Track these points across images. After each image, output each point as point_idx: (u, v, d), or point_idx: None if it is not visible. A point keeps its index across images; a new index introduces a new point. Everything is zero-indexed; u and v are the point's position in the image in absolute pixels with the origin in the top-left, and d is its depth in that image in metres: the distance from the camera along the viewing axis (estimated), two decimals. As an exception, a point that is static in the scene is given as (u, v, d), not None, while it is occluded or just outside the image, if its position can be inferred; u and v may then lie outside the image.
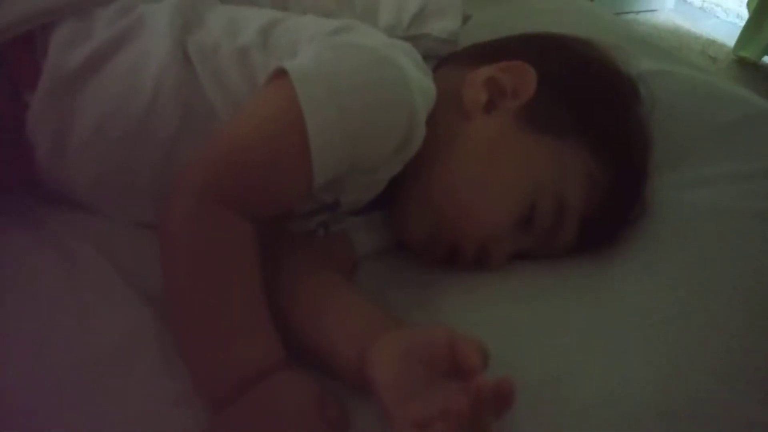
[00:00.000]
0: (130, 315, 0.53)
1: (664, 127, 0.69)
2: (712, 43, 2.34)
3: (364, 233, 0.66)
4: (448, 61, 0.69)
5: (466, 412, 0.41)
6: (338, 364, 0.51)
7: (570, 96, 0.61)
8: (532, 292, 0.59)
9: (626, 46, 0.75)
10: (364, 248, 0.66)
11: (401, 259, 0.65)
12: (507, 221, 0.60)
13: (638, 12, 2.55)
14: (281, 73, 0.53)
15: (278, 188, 0.54)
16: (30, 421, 0.47)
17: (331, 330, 0.52)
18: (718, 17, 2.54)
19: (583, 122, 0.60)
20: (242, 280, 0.50)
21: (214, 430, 0.47)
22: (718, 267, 0.58)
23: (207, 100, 0.59)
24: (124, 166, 0.59)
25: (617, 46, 0.69)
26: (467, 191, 0.59)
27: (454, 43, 0.72)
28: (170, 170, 0.55)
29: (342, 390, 0.50)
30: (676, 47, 2.21)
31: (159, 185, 0.57)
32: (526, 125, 0.60)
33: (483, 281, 0.61)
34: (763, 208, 0.63)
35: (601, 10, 1.11)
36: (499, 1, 0.99)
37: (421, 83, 0.58)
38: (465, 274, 0.62)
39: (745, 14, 2.23)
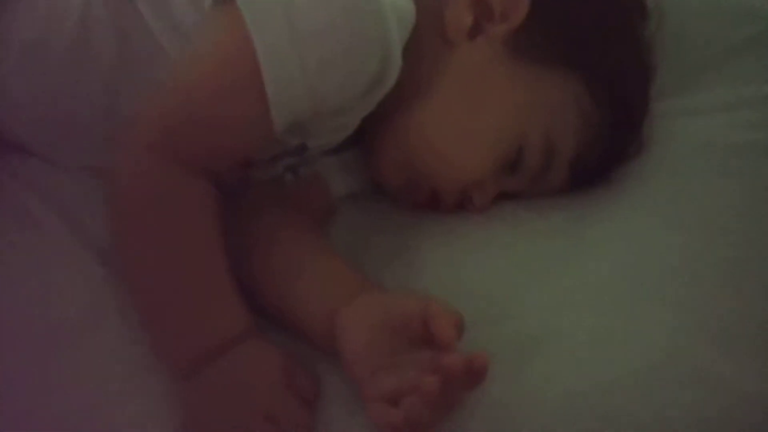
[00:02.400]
0: (89, 280, 0.51)
1: (672, 46, 0.63)
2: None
3: (340, 173, 0.61)
4: None
5: (436, 391, 0.39)
6: (308, 331, 0.48)
7: (565, 20, 0.55)
8: (517, 238, 0.56)
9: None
10: (340, 190, 0.61)
11: (379, 203, 0.61)
12: (491, 167, 0.55)
13: None
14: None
15: (234, 141, 0.49)
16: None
17: (301, 294, 0.49)
18: None
19: (579, 53, 0.54)
20: (202, 244, 0.47)
21: (180, 402, 0.45)
22: (709, 208, 0.54)
23: (147, 29, 0.53)
24: (61, 100, 0.55)
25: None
26: (448, 135, 0.54)
27: None
28: (114, 109, 0.51)
29: (312, 355, 0.48)
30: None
31: (102, 126, 0.52)
32: (515, 55, 0.54)
33: (465, 226, 0.57)
34: (754, 139, 0.58)
35: None
36: None
37: (395, 5, 0.50)
38: (446, 217, 0.58)
39: None
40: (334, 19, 0.47)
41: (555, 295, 0.50)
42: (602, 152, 0.56)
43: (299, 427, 0.43)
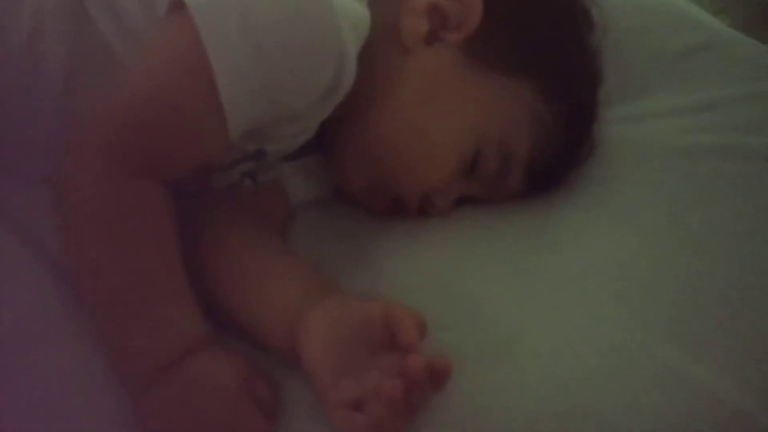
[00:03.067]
0: (40, 290, 0.48)
1: (616, 54, 0.65)
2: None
3: (298, 180, 0.61)
4: None
5: (400, 394, 0.39)
6: (268, 336, 0.47)
7: (518, 28, 0.56)
8: (479, 241, 0.57)
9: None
10: (299, 196, 0.61)
11: (340, 208, 0.61)
12: (449, 174, 0.56)
13: None
14: (181, 5, 0.46)
15: (187, 147, 0.48)
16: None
17: (262, 299, 0.48)
18: None
19: (532, 59, 0.55)
20: (156, 252, 0.45)
21: (136, 416, 0.44)
22: (663, 209, 0.56)
23: (99, 35, 0.52)
24: (14, 115, 0.53)
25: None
26: (406, 141, 0.54)
27: None
28: (65, 116, 0.49)
29: (271, 361, 0.47)
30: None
31: (53, 133, 0.51)
32: (471, 61, 0.55)
33: (425, 230, 0.57)
34: (714, 143, 0.61)
35: None
36: None
37: (351, 12, 0.51)
38: (407, 223, 0.58)
39: None
40: (287, 18, 0.47)
41: (518, 298, 0.50)
42: (556, 155, 0.57)
43: None
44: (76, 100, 0.52)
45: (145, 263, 0.45)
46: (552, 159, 0.57)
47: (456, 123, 0.55)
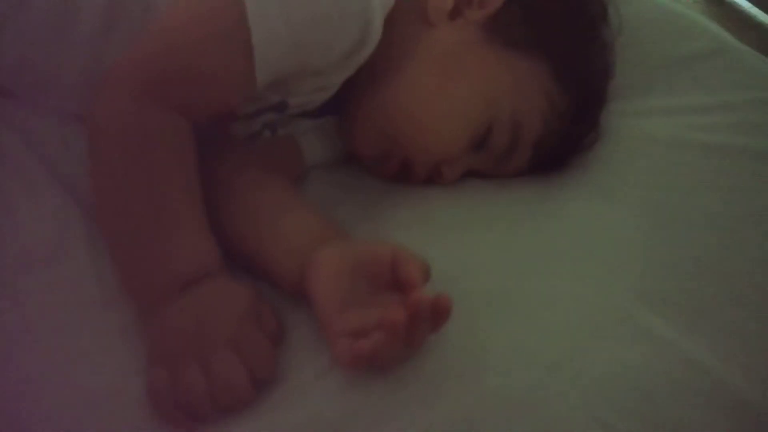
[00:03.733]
0: (58, 213, 0.51)
1: (628, 53, 0.68)
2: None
3: (314, 139, 0.63)
4: None
5: (403, 324, 0.41)
6: (278, 274, 0.49)
7: (538, 12, 0.58)
8: (480, 205, 0.59)
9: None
10: (313, 155, 0.63)
11: (351, 172, 0.63)
12: (462, 145, 0.58)
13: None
14: None
15: (216, 84, 0.50)
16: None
17: (272, 239, 0.50)
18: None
19: (549, 42, 0.58)
20: (177, 180, 0.48)
21: (146, 334, 0.45)
22: (666, 197, 0.58)
23: None
24: (50, 53, 0.55)
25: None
26: (422, 110, 0.57)
27: None
28: (100, 60, 0.52)
29: (279, 298, 0.49)
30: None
31: (87, 75, 0.53)
32: (491, 39, 0.58)
33: (432, 198, 0.60)
34: (714, 141, 0.64)
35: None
36: None
37: None
38: (414, 189, 0.60)
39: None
40: None
41: (515, 256, 0.53)
42: (564, 138, 0.60)
43: (262, 359, 0.43)
44: (111, 46, 0.55)
45: (167, 189, 0.47)
46: (559, 141, 0.60)
47: (472, 97, 0.57)
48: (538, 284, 0.50)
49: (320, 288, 0.45)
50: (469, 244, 0.54)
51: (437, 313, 0.42)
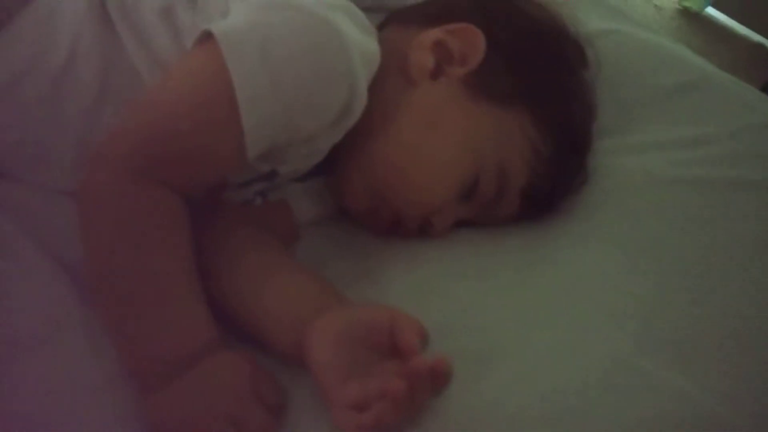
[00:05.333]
0: (52, 293, 0.50)
1: (607, 91, 0.69)
2: (658, -9, 2.34)
3: (305, 200, 0.63)
4: (393, 19, 0.66)
5: (404, 394, 0.41)
6: (276, 341, 0.49)
7: (517, 63, 0.59)
8: (475, 259, 0.59)
9: (575, 2, 0.74)
10: (305, 216, 0.63)
11: (343, 228, 0.63)
12: (449, 196, 0.59)
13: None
14: (209, 36, 0.50)
15: (207, 161, 0.51)
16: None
17: (270, 306, 0.50)
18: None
19: (530, 92, 0.58)
20: (171, 257, 0.48)
21: (146, 415, 0.45)
22: (655, 239, 0.59)
23: (129, 61, 0.55)
24: (42, 132, 0.55)
25: (566, 3, 0.68)
26: (410, 165, 0.57)
27: None
28: (90, 138, 0.52)
29: (278, 366, 0.49)
30: (624, -6, 2.20)
31: (76, 153, 0.53)
32: (473, 93, 0.58)
33: (425, 250, 0.60)
34: (699, 175, 0.64)
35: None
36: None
37: (363, 46, 0.54)
38: (407, 242, 0.61)
39: (692, -37, 2.23)
40: (303, 50, 0.51)
41: (508, 310, 0.53)
42: (551, 183, 0.60)
43: None
44: (103, 119, 0.55)
45: (161, 266, 0.47)
46: (546, 186, 0.60)
47: (457, 150, 0.58)
48: (536, 336, 0.50)
49: (319, 358, 0.45)
50: (465, 297, 0.54)
51: (437, 377, 0.43)
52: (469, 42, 0.59)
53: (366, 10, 0.59)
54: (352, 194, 0.60)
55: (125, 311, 0.47)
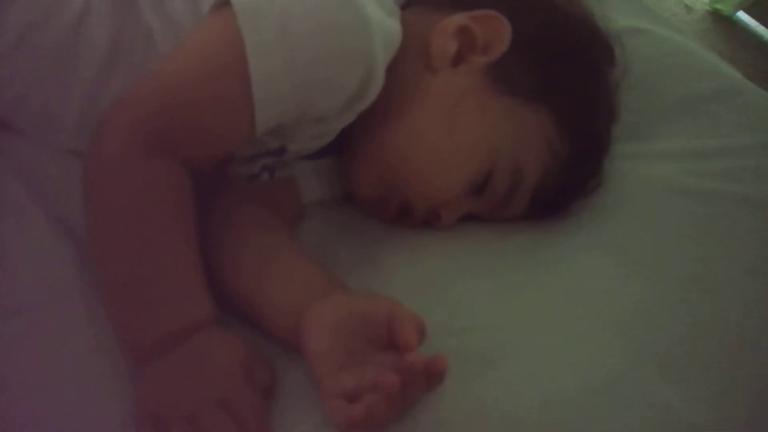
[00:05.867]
0: (52, 256, 0.50)
1: (632, 94, 0.67)
2: (690, -10, 2.29)
3: (312, 180, 0.62)
4: (418, 0, 0.64)
5: (397, 388, 0.40)
6: (273, 325, 0.49)
7: (542, 58, 0.57)
8: (478, 257, 0.58)
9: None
10: (311, 196, 0.62)
11: (348, 212, 0.62)
12: (461, 190, 0.57)
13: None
14: (226, 3, 0.48)
15: (215, 133, 0.50)
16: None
17: (269, 289, 0.50)
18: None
19: (553, 92, 0.57)
20: (174, 231, 0.47)
21: (137, 386, 0.45)
22: (659, 249, 0.58)
23: (143, 23, 0.53)
24: (48, 88, 0.54)
25: (597, -2, 0.66)
26: (423, 155, 0.56)
27: None
28: (99, 100, 0.51)
29: (273, 350, 0.48)
30: (655, -9, 2.16)
31: (86, 114, 0.52)
32: (493, 85, 0.57)
33: (429, 242, 0.59)
34: (712, 188, 0.63)
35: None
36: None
37: (384, 26, 0.52)
38: (411, 232, 0.60)
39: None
40: (323, 27, 0.49)
41: (510, 310, 0.52)
42: (564, 185, 0.59)
43: (252, 417, 0.43)
44: (113, 81, 0.54)
45: (161, 237, 0.47)
46: (559, 187, 0.59)
47: (472, 142, 0.57)
48: (537, 342, 0.49)
49: (314, 345, 0.45)
50: (465, 294, 0.53)
51: (432, 375, 0.42)
52: (494, 31, 0.57)
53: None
54: (362, 182, 0.59)
55: (122, 280, 0.46)
